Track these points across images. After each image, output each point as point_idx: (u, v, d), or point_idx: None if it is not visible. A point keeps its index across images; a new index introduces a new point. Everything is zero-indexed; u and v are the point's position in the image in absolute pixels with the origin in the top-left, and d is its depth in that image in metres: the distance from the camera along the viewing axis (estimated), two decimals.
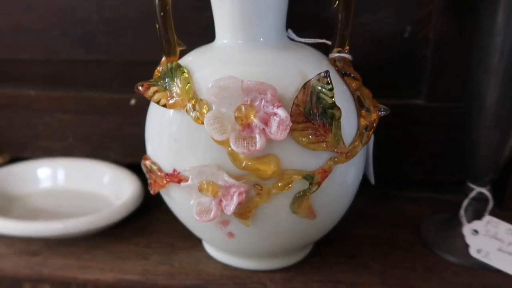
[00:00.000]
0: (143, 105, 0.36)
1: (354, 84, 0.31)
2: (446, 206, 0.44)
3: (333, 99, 0.28)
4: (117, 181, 0.46)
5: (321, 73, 0.27)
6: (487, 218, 0.36)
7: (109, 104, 0.47)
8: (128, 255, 0.39)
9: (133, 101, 0.46)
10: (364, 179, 0.36)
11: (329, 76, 0.27)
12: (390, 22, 0.40)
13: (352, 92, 0.32)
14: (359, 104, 0.31)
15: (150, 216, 0.44)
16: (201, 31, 0.40)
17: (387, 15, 0.40)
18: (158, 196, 0.36)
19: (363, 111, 0.31)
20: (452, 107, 0.41)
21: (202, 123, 0.28)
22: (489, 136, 0.35)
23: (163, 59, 0.33)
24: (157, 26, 0.32)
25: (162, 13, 0.32)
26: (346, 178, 0.31)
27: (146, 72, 0.35)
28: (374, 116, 0.31)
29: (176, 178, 0.32)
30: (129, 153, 0.49)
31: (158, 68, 0.33)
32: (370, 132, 0.31)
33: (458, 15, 0.40)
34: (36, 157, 0.50)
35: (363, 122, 0.31)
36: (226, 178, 0.29)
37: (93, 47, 0.46)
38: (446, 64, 0.41)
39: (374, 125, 0.31)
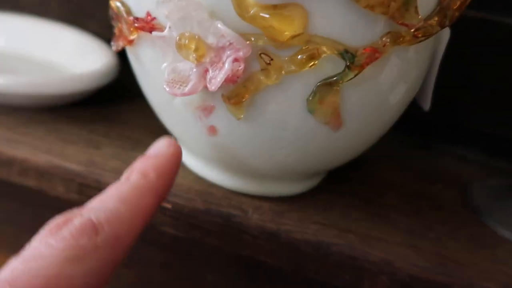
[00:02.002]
0: None
1: None
2: (503, 174, 0.34)
3: None
4: (87, 53, 0.35)
5: None
6: None
7: None
8: (76, 140, 0.29)
9: None
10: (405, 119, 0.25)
11: None
12: None
13: None
14: None
15: (121, 105, 0.34)
16: None
17: None
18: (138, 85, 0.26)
19: None
20: None
21: None
22: None
23: None
24: None
25: None
26: (403, 75, 0.20)
27: None
28: None
29: (148, 24, 0.21)
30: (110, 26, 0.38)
31: None
32: (457, 12, 0.20)
33: None
34: (2, 10, 0.40)
35: None
36: (221, 27, 0.18)
37: None
38: None
39: (465, 3, 0.20)
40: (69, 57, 0.36)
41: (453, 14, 0.20)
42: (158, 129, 0.28)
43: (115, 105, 0.34)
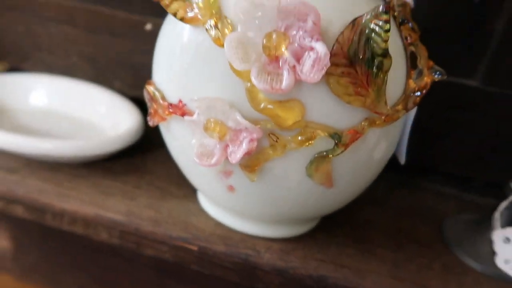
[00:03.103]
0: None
1: (410, 36, 0.26)
2: (473, 207, 0.39)
3: (387, 45, 0.22)
4: (117, 112, 0.41)
5: (378, 7, 0.22)
6: None
7: (122, 25, 0.42)
8: (114, 191, 0.34)
9: (148, 26, 0.41)
10: (389, 161, 0.31)
11: (388, 13, 0.22)
12: None
13: (406, 46, 0.26)
14: (411, 61, 0.26)
15: (146, 156, 0.40)
16: None
17: None
18: (159, 136, 0.31)
19: (414, 71, 0.26)
20: (510, 96, 0.36)
21: (222, 45, 0.23)
22: None
23: None
24: None
25: None
26: (378, 147, 0.26)
27: None
28: (426, 79, 0.26)
29: (180, 110, 0.27)
30: (136, 84, 0.44)
31: None
32: (418, 98, 0.26)
33: None
34: (36, 71, 0.46)
35: (412, 84, 0.26)
36: (239, 118, 0.24)
37: None
38: None
39: (424, 91, 0.26)
40: (101, 115, 0.42)
41: (415, 99, 0.26)
42: (180, 179, 0.34)
43: (142, 156, 0.40)
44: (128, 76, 0.44)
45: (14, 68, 0.47)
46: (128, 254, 0.39)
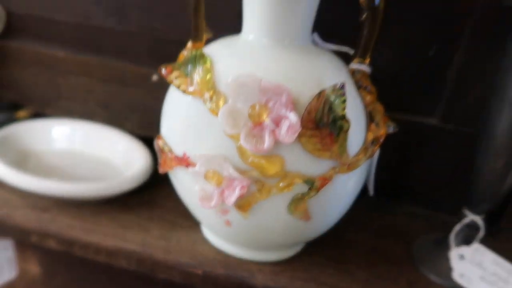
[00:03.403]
0: (164, 82, 0.37)
1: (368, 98, 0.32)
2: (442, 226, 0.45)
3: (344, 112, 0.29)
4: (129, 151, 0.48)
5: (337, 84, 0.28)
6: (476, 245, 0.37)
7: (132, 76, 0.48)
8: (131, 225, 0.41)
9: (155, 77, 0.48)
10: (364, 189, 0.37)
11: (344, 88, 0.28)
12: (417, 38, 0.41)
13: (365, 106, 0.32)
14: (370, 118, 0.32)
15: (155, 191, 0.46)
16: (230, 20, 0.41)
17: (415, 30, 0.41)
18: (165, 173, 0.38)
19: (372, 125, 0.32)
20: (465, 132, 0.42)
21: (217, 114, 0.30)
22: (493, 164, 0.36)
23: (189, 43, 0.34)
24: (190, 11, 0.33)
25: (196, 1, 0.33)
26: (345, 187, 0.33)
27: (172, 50, 0.37)
28: (382, 131, 0.32)
29: (185, 162, 0.33)
30: (144, 125, 0.51)
31: (183, 51, 0.35)
32: (376, 147, 0.32)
33: (488, 41, 0.40)
34: (57, 116, 0.52)
35: (370, 136, 0.32)
36: (231, 171, 0.31)
37: (125, 18, 0.47)
38: (466, 87, 0.41)
39: (381, 140, 0.32)
40: (116, 154, 0.48)
41: (373, 149, 0.32)
42: (186, 212, 0.40)
43: (152, 191, 0.46)
44: (137, 118, 0.51)
45: (37, 114, 0.53)
46: (144, 278, 0.45)
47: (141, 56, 0.48)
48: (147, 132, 0.50)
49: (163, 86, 0.38)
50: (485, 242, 0.38)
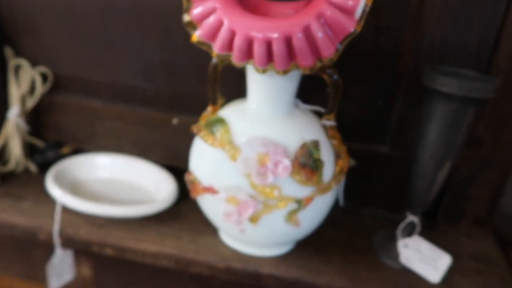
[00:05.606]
0: (182, 124, 0.52)
1: (335, 142, 0.47)
2: (393, 224, 0.61)
3: (320, 156, 0.44)
4: (159, 178, 0.62)
5: (314, 140, 0.44)
6: (415, 237, 0.53)
7: (157, 121, 0.62)
8: (167, 233, 0.55)
9: (175, 121, 0.62)
10: (337, 201, 0.52)
11: (318, 142, 0.43)
12: (368, 93, 0.56)
13: (334, 148, 0.48)
14: (337, 156, 0.48)
15: (181, 206, 0.60)
16: (241, 88, 0.55)
17: (366, 88, 0.56)
18: (186, 191, 0.52)
19: (339, 161, 0.48)
20: (406, 156, 0.58)
21: (235, 159, 0.44)
22: (422, 180, 0.51)
23: (209, 107, 0.49)
24: (208, 83, 0.48)
25: (213, 76, 0.48)
26: (323, 204, 0.48)
27: (190, 102, 0.53)
28: (346, 165, 0.48)
29: (211, 190, 0.48)
30: (165, 157, 0.65)
31: (205, 112, 0.49)
32: (341, 176, 0.47)
33: (416, 95, 0.55)
34: (94, 151, 0.66)
35: (338, 168, 0.47)
36: (245, 197, 0.45)
37: (151, 78, 0.61)
38: (406, 123, 0.57)
39: (345, 170, 0.48)
40: (148, 181, 0.62)
41: (340, 177, 0.47)
42: (207, 222, 0.55)
43: (179, 207, 0.60)
44: (160, 152, 0.65)
45: (77, 150, 0.67)
46: (179, 273, 0.59)
47: (163, 106, 0.62)
48: (166, 162, 0.64)
49: (182, 127, 0.53)
50: (424, 234, 0.54)
